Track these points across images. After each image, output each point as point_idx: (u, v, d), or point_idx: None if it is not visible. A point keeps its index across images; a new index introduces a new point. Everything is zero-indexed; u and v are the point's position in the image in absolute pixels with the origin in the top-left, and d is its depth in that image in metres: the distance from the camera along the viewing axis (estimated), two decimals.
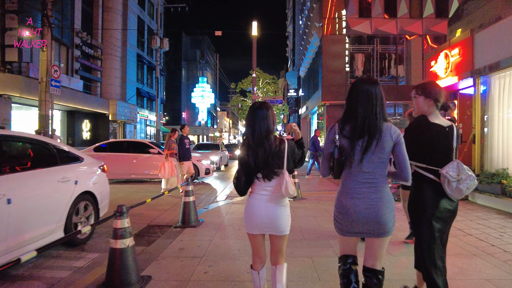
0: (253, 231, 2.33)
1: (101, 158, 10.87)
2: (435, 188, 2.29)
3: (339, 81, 17.53)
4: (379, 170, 2.02)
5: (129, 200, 7.89)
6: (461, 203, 6.89)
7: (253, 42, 17.41)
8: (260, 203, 2.28)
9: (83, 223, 4.55)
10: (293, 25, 38.08)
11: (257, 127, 2.24)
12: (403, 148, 2.02)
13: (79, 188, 4.42)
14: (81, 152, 5.19)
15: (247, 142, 2.27)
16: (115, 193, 8.94)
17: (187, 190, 5.53)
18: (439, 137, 2.30)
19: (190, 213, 5.48)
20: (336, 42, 17.93)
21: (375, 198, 2.01)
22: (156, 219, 6.21)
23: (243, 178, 2.30)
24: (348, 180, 2.09)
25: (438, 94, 2.35)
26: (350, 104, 2.09)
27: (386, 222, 2.02)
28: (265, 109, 2.28)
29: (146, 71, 35.66)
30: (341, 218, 2.12)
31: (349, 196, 2.06)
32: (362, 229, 2.05)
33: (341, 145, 2.06)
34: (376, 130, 1.97)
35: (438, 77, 8.72)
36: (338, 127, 2.08)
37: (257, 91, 23.30)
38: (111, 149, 11.31)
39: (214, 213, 6.36)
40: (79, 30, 21.48)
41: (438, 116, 2.38)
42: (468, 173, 2.22)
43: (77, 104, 20.14)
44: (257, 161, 2.21)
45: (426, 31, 17.71)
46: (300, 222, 5.60)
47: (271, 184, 2.27)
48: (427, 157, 2.31)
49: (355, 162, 2.03)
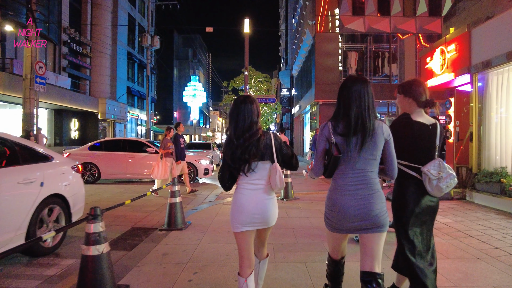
0: (242, 227, 2.20)
1: (96, 157, 10.51)
2: (417, 185, 2.30)
3: (332, 80, 17.33)
4: (371, 167, 2.04)
5: (114, 201, 7.53)
6: (459, 203, 6.69)
7: (245, 39, 17.11)
8: (248, 197, 2.20)
9: (52, 230, 4.04)
10: (286, 23, 37.88)
11: (241, 121, 2.18)
12: (393, 146, 2.08)
13: (46, 190, 3.94)
14: (51, 150, 4.69)
15: (228, 136, 2.23)
16: (101, 193, 8.58)
17: (173, 190, 5.22)
18: (421, 135, 2.30)
19: (176, 215, 5.16)
20: (329, 40, 17.72)
21: (366, 195, 2.02)
22: (141, 221, 5.88)
23: (227, 172, 2.25)
24: (340, 177, 2.08)
25: (417, 92, 2.34)
26: (342, 102, 2.09)
27: (378, 217, 2.01)
28: (249, 103, 2.23)
29: (137, 70, 35.13)
30: (332, 215, 2.10)
31: (341, 193, 2.06)
32: (353, 226, 2.03)
33: (336, 143, 2.05)
34: (370, 128, 1.99)
35: (434, 73, 8.52)
36: (331, 125, 2.08)
37: (250, 90, 23.00)
38: (107, 148, 10.90)
39: (203, 215, 6.05)
40: (66, 27, 20.95)
41: (421, 114, 2.36)
42: (448, 172, 2.24)
43: (65, 103, 19.62)
44: (240, 154, 2.15)
45: (420, 29, 17.60)
46: (293, 223, 5.32)
47: (258, 177, 2.21)
48: (410, 155, 2.32)
49: (348, 159, 2.03)
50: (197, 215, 6.06)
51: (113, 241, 4.75)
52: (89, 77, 25.13)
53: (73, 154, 10.74)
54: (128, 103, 32.62)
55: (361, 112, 2.00)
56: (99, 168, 10.46)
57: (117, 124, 28.24)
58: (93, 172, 10.47)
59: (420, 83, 2.41)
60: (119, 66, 29.16)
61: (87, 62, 24.61)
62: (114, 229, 5.37)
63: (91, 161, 10.47)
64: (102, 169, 10.47)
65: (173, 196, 5.19)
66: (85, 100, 22.50)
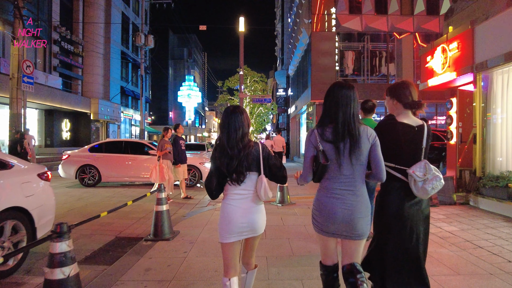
0: (230, 238, 2.20)
1: (96, 159, 10.10)
2: (403, 187, 2.28)
3: (329, 79, 17.00)
4: (358, 173, 2.06)
5: (100, 207, 7.15)
6: (463, 208, 6.37)
7: (241, 38, 16.74)
8: (235, 207, 2.21)
9: (6, 249, 3.48)
10: (282, 23, 37.56)
11: (233, 131, 2.20)
12: (379, 149, 2.08)
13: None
14: (13, 157, 4.12)
15: (221, 145, 2.22)
16: (88, 198, 8.18)
17: (160, 197, 4.85)
18: (406, 137, 2.28)
19: (163, 224, 4.80)
20: (325, 39, 17.40)
21: (353, 201, 2.04)
22: (127, 230, 5.50)
23: (215, 181, 2.24)
24: (328, 182, 2.10)
25: (403, 94, 2.33)
26: (329, 108, 2.11)
27: (360, 226, 2.04)
28: (239, 113, 2.26)
29: (131, 69, 34.65)
30: (319, 216, 2.13)
31: (328, 196, 2.08)
32: (337, 229, 2.07)
33: (324, 150, 2.05)
34: (356, 134, 2.02)
35: (435, 73, 8.21)
36: (318, 133, 2.09)
37: (245, 90, 22.61)
38: (108, 150, 10.47)
39: (193, 223, 5.69)
40: (57, 25, 20.46)
41: (408, 115, 2.34)
42: (435, 174, 2.20)
43: (56, 103, 19.15)
44: (231, 164, 2.17)
45: (417, 29, 17.34)
46: (289, 233, 4.97)
47: (245, 187, 2.22)
48: (396, 157, 2.30)
49: (336, 165, 2.05)
50: (187, 222, 5.69)
51: (94, 253, 4.38)
52: (81, 77, 24.63)
53: (72, 155, 10.33)
54: (122, 104, 32.13)
55: (347, 119, 2.03)
56: (99, 170, 10.07)
57: (110, 124, 27.75)
58: (93, 175, 10.08)
59: (407, 85, 2.37)
60: (112, 65, 28.68)
61: (79, 62, 24.11)
62: (97, 239, 4.99)
63: (91, 163, 10.08)
64: (103, 172, 10.08)
65: (159, 203, 4.82)
66: (77, 100, 22.02)
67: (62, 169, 10.17)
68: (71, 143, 22.89)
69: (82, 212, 6.63)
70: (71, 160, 10.17)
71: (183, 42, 57.25)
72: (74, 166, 10.06)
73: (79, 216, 6.23)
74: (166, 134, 7.82)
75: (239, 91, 15.91)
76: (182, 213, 6.51)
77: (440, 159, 13.84)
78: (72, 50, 22.66)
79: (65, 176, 10.20)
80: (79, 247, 4.54)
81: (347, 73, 17.54)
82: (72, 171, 10.04)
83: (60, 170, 10.22)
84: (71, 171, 10.06)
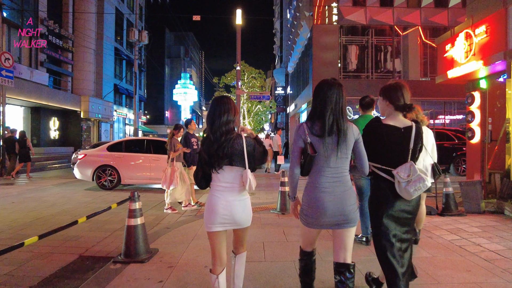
0: (213, 227, 2.26)
1: (116, 159, 9.06)
2: (391, 188, 2.32)
3: (331, 75, 15.97)
4: (344, 165, 2.18)
5: (71, 215, 6.15)
6: (498, 219, 5.41)
7: (238, 31, 15.78)
8: (218, 198, 2.26)
9: None
10: (281, 19, 36.66)
11: (217, 117, 2.25)
12: (362, 145, 2.24)
13: None
14: None
15: (207, 132, 2.29)
16: (62, 204, 7.17)
17: (133, 208, 3.87)
18: (391, 138, 2.32)
19: (137, 241, 3.81)
20: (327, 33, 16.45)
21: (341, 192, 2.15)
22: (96, 246, 4.50)
23: (200, 172, 2.32)
24: (316, 175, 2.19)
25: (394, 96, 2.38)
26: (318, 105, 2.19)
27: (350, 213, 2.16)
28: (226, 101, 2.31)
29: (125, 67, 33.61)
30: (310, 211, 2.20)
31: (318, 190, 2.17)
32: (329, 221, 2.16)
33: (312, 142, 2.15)
34: (344, 130, 2.13)
35: (456, 63, 7.27)
36: (306, 126, 2.19)
37: (242, 86, 21.58)
38: (128, 149, 9.42)
39: (177, 237, 4.71)
40: (44, 18, 19.39)
41: (396, 117, 2.39)
42: (420, 175, 2.22)
43: (42, 100, 18.11)
44: (216, 149, 2.20)
45: (425, 22, 16.42)
46: (295, 252, 3.94)
47: (229, 179, 2.26)
48: (382, 158, 2.35)
49: (324, 158, 2.15)
50: (169, 237, 4.71)
51: (44, 282, 3.38)
52: (71, 73, 23.57)
53: (90, 155, 9.29)
54: (116, 102, 31.08)
55: (336, 115, 2.13)
56: (119, 171, 9.05)
57: (102, 123, 26.70)
58: (112, 177, 9.07)
59: (400, 87, 2.40)
60: (105, 62, 27.63)
61: (68, 57, 23.05)
62: (55, 259, 4.00)
63: (110, 163, 9.05)
64: (123, 173, 9.06)
65: (132, 216, 3.84)
66: (65, 98, 20.97)
67: (78, 169, 9.18)
68: (59, 142, 21.82)
69: (48, 223, 5.63)
70: (88, 160, 9.17)
71: (179, 40, 56.24)
72: (91, 166, 9.06)
73: (42, 228, 5.25)
74: (177, 133, 6.57)
75: (236, 88, 14.94)
76: (165, 224, 5.52)
77: (450, 160, 12.94)
78: (61, 45, 21.58)
79: (81, 178, 9.22)
80: (27, 273, 3.56)
81: (351, 69, 16.60)
82: (89, 172, 9.04)
83: (75, 171, 9.25)
84: (87, 172, 9.06)
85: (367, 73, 17.03)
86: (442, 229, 4.91)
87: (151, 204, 7.26)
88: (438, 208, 6.03)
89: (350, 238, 2.22)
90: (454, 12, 16.22)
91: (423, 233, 4.68)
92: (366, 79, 16.92)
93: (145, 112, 43.76)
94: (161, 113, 53.12)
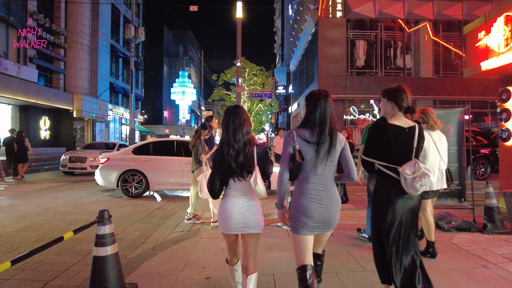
0: (227, 231, 2.40)
1: (144, 163, 7.95)
2: (395, 185, 2.41)
3: (338, 72, 15.12)
4: (330, 173, 2.28)
5: (41, 232, 5.15)
6: None
7: (238, 25, 14.84)
8: (232, 206, 2.35)
9: None
10: (282, 17, 35.71)
11: (240, 128, 2.34)
12: (349, 152, 2.35)
13: None
14: None
15: (227, 141, 2.34)
16: (34, 216, 6.13)
17: (101, 234, 2.89)
18: (397, 138, 2.41)
19: (106, 277, 2.83)
20: (334, 27, 15.48)
21: (327, 199, 2.25)
22: (60, 277, 3.50)
23: (218, 181, 2.37)
24: (304, 182, 2.28)
25: (399, 98, 2.47)
26: (309, 114, 2.28)
27: (334, 221, 2.31)
28: (240, 112, 2.40)
29: (122, 65, 32.61)
30: (299, 216, 2.26)
31: (306, 196, 2.25)
32: (315, 225, 2.26)
33: (301, 150, 2.23)
34: (334, 139, 2.24)
35: (492, 52, 6.29)
36: (297, 134, 2.25)
37: (243, 84, 20.53)
38: (156, 151, 8.37)
39: (163, 264, 3.71)
40: (34, 11, 18.38)
41: (400, 118, 2.48)
42: (424, 172, 2.31)
43: (31, 98, 17.10)
44: (238, 162, 2.30)
45: (437, 15, 15.45)
46: None
47: (243, 186, 2.36)
48: (388, 156, 2.43)
49: (311, 165, 2.24)
50: (154, 264, 3.71)
51: None
52: (64, 71, 22.55)
53: (113, 159, 8.24)
54: (112, 101, 30.07)
55: (326, 125, 2.23)
56: (147, 177, 8.02)
57: (97, 123, 25.69)
58: (139, 183, 8.05)
59: (404, 90, 2.50)
60: (100, 60, 26.63)
61: (61, 54, 22.02)
62: None
63: (137, 168, 8.02)
64: (151, 179, 8.02)
65: (100, 244, 2.86)
66: (57, 96, 19.94)
67: (100, 175, 8.12)
68: (51, 143, 20.81)
69: (8, 243, 4.62)
70: (112, 165, 8.14)
71: (178, 39, 55.27)
72: (116, 171, 8.02)
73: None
74: (204, 132, 5.49)
75: (236, 85, 13.95)
76: (152, 243, 4.53)
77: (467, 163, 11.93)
78: (52, 40, 20.54)
79: (103, 184, 8.17)
80: None
81: (358, 65, 15.62)
82: (113, 178, 8.00)
83: (97, 176, 8.19)
84: (111, 177, 8.02)
85: (375, 69, 16.06)
86: (496, 254, 3.93)
87: (139, 214, 6.25)
88: (477, 222, 5.07)
89: (326, 238, 2.49)
90: (469, 5, 15.27)
91: (473, 260, 3.72)
92: (375, 76, 15.94)
93: (143, 112, 42.76)
94: (159, 113, 52.13)
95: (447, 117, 6.13)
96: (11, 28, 16.83)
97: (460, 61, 16.05)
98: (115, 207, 6.96)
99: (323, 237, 2.44)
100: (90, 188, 9.47)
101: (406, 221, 2.42)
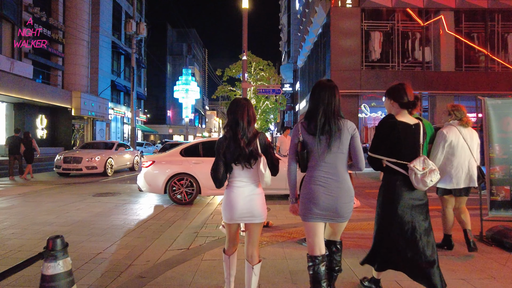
0: (232, 221, 2.42)
1: (194, 166, 6.92)
2: (404, 181, 2.45)
3: (352, 65, 14.07)
4: (340, 161, 2.24)
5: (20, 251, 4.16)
6: None
7: (244, 17, 13.81)
8: (237, 195, 2.38)
9: None
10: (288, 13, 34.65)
11: (251, 118, 2.41)
12: (358, 141, 2.29)
13: None
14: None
15: (231, 132, 2.38)
16: (3, 228, 5.15)
17: (51, 274, 1.87)
18: (406, 134, 2.45)
19: None
20: (347, 17, 14.43)
21: (337, 187, 2.22)
22: None
23: (222, 168, 2.39)
24: (313, 170, 2.27)
25: (397, 95, 2.53)
26: (312, 105, 2.31)
27: (344, 211, 2.24)
28: (247, 104, 2.45)
29: (124, 63, 31.75)
30: (306, 201, 2.26)
31: (314, 183, 2.25)
32: (322, 213, 2.23)
33: (305, 141, 2.28)
34: (335, 129, 2.21)
35: None
36: (301, 126, 2.30)
37: (249, 79, 19.51)
38: (207, 152, 7.30)
39: None
40: (29, 4, 17.50)
41: (405, 115, 2.52)
42: (432, 168, 2.37)
43: (25, 95, 16.22)
44: (250, 149, 2.33)
45: (460, 4, 14.32)
46: None
47: (247, 175, 2.40)
48: (397, 153, 2.45)
49: (319, 154, 2.24)
50: None
51: None
52: (62, 67, 21.67)
53: (159, 162, 7.20)
54: (113, 100, 29.22)
55: (328, 116, 2.23)
56: (198, 181, 7.03)
57: (97, 122, 24.81)
58: (189, 188, 7.04)
59: (403, 86, 2.54)
60: (101, 57, 25.77)
61: (59, 49, 21.14)
62: None
63: (188, 171, 7.03)
64: (203, 183, 7.01)
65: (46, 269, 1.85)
66: (54, 93, 19.05)
67: (144, 180, 7.09)
68: (48, 142, 19.94)
69: None
70: (158, 168, 7.15)
71: (182, 37, 54.48)
72: (163, 175, 7.01)
73: None
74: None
75: (242, 80, 12.92)
76: (141, 266, 3.51)
77: None
78: (49, 35, 19.66)
79: (147, 190, 7.14)
80: None
81: (374, 58, 14.55)
82: (160, 183, 6.97)
83: (140, 181, 7.17)
84: (158, 182, 7.00)
85: (392, 63, 14.96)
86: None
87: (130, 225, 5.23)
88: None
89: (341, 229, 2.47)
90: None
91: None
92: (392, 70, 14.85)
93: (145, 111, 41.91)
94: (162, 112, 51.38)
95: (507, 108, 5.04)
96: (4, 21, 15.96)
97: (485, 54, 14.94)
98: (103, 216, 5.97)
99: (336, 228, 2.44)
100: (81, 192, 8.48)
101: (416, 219, 2.44)
